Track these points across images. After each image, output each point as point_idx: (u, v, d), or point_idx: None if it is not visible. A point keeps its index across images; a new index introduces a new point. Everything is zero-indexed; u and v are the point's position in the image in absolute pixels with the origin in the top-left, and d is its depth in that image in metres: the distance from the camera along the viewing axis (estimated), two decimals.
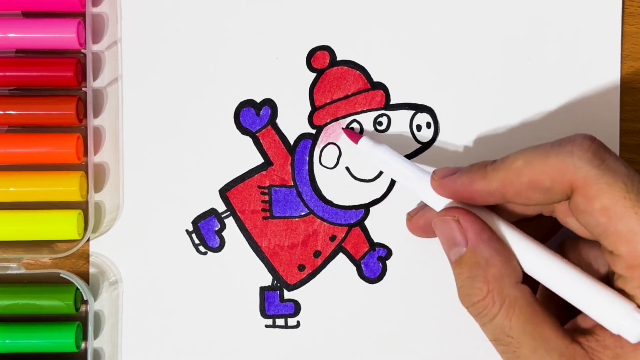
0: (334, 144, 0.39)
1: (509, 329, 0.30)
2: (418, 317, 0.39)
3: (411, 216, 0.37)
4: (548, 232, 0.36)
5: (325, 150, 0.39)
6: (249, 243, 0.39)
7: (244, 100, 0.39)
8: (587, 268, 0.33)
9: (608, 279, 0.32)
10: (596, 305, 0.30)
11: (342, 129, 0.38)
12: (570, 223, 0.33)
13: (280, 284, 0.39)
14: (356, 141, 0.37)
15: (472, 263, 0.32)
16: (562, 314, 0.33)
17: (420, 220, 0.37)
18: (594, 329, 0.31)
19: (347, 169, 0.39)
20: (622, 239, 0.29)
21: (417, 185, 0.35)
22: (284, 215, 0.39)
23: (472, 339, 0.39)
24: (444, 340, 0.39)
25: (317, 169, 0.39)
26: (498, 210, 0.34)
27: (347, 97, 0.39)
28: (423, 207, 0.37)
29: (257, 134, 0.39)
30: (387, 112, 0.39)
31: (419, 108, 0.39)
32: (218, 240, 0.39)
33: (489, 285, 0.31)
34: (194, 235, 0.39)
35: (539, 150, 0.31)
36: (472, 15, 0.39)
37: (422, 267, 0.39)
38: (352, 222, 0.39)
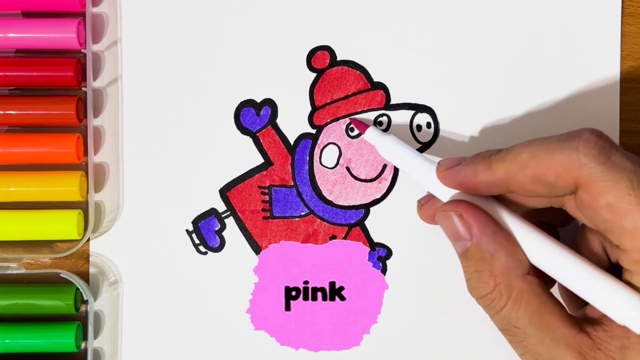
0: (334, 143, 0.39)
1: (515, 320, 0.31)
2: (418, 316, 0.39)
3: (422, 204, 0.37)
4: (563, 221, 0.36)
5: (325, 150, 0.39)
6: (249, 243, 0.39)
7: (244, 100, 0.39)
8: (597, 256, 0.33)
9: (618, 268, 0.32)
10: (602, 297, 0.30)
11: (350, 118, 0.38)
12: (580, 215, 0.33)
13: None
14: (363, 131, 0.37)
15: (477, 257, 0.32)
16: (576, 302, 0.33)
17: (430, 210, 0.37)
18: (601, 320, 0.31)
19: (347, 169, 0.39)
20: (627, 235, 0.29)
21: (422, 176, 0.35)
22: (284, 215, 0.39)
23: (472, 338, 0.39)
24: (444, 340, 0.39)
25: (317, 169, 0.39)
26: (506, 201, 0.34)
27: (347, 97, 0.39)
28: (429, 197, 0.37)
29: (258, 134, 0.39)
30: (387, 112, 0.39)
31: (419, 108, 0.39)
32: (218, 240, 0.39)
33: (495, 279, 0.31)
34: (194, 235, 0.39)
35: (544, 143, 0.31)
36: (472, 15, 0.39)
37: (422, 267, 0.39)
38: (352, 222, 0.39)
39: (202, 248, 0.39)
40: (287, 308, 0.39)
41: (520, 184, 0.31)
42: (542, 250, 0.32)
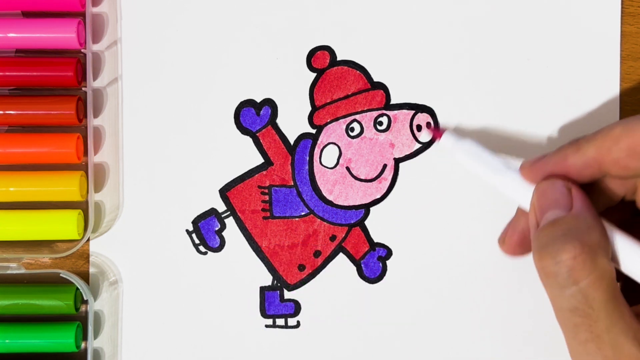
0: (334, 143, 0.39)
1: (592, 299, 0.29)
2: (418, 317, 0.39)
3: (503, 240, 0.36)
4: (619, 219, 0.35)
5: (325, 150, 0.39)
6: (249, 243, 0.39)
7: (244, 100, 0.39)
8: None
9: None
10: None
11: (428, 127, 0.38)
12: None
13: (280, 283, 0.39)
14: (439, 136, 0.37)
15: (570, 225, 0.30)
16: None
17: (514, 237, 0.35)
18: None
19: (347, 169, 0.39)
20: None
21: (502, 179, 0.34)
22: (284, 215, 0.39)
23: (473, 339, 0.39)
24: (444, 341, 0.39)
25: (317, 168, 0.39)
26: None
27: (347, 97, 0.39)
28: (509, 227, 0.36)
29: (257, 134, 0.39)
30: (387, 112, 0.39)
31: (419, 108, 0.39)
32: (218, 240, 0.39)
33: (583, 247, 0.29)
34: (194, 235, 0.39)
35: (637, 116, 0.30)
36: (472, 15, 0.39)
37: (422, 267, 0.39)
38: (352, 222, 0.39)
39: (202, 248, 0.39)
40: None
41: (614, 159, 0.30)
42: (629, 250, 0.31)
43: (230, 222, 0.39)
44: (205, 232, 0.39)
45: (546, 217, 0.31)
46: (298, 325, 0.39)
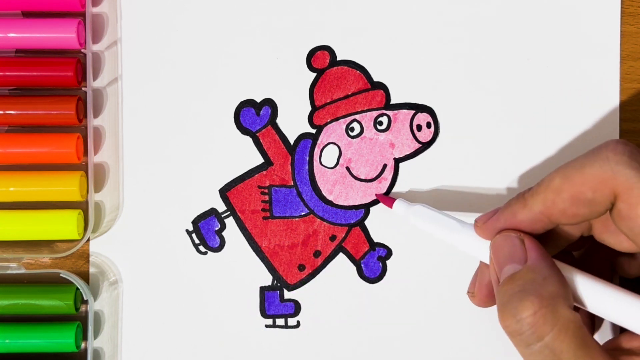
0: (334, 143, 0.39)
1: (559, 352, 0.28)
2: (418, 317, 0.39)
3: (473, 293, 0.36)
4: (574, 248, 0.35)
5: (325, 150, 0.39)
6: (249, 243, 0.39)
7: (244, 100, 0.39)
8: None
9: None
10: None
11: (376, 195, 0.38)
12: (607, 239, 0.32)
13: (280, 283, 0.39)
14: (390, 205, 0.37)
15: (527, 279, 0.30)
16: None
17: (482, 292, 0.35)
18: (638, 351, 0.30)
19: (347, 169, 0.39)
20: None
21: (460, 236, 0.34)
22: (284, 215, 0.39)
23: (473, 338, 0.39)
24: (444, 341, 0.39)
25: (317, 168, 0.39)
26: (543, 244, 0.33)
27: (347, 96, 0.39)
28: (475, 280, 0.36)
29: (257, 134, 0.39)
30: (388, 112, 0.39)
31: (419, 108, 0.39)
32: (218, 240, 0.39)
33: (542, 301, 0.29)
34: (194, 235, 0.39)
35: (573, 163, 0.30)
36: (472, 15, 0.39)
37: (422, 267, 0.39)
38: (352, 222, 0.39)
39: (202, 248, 0.39)
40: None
41: (560, 210, 0.30)
42: (589, 288, 0.31)
43: (230, 222, 0.39)
44: (205, 232, 0.39)
45: (504, 272, 0.31)
46: (298, 325, 0.39)
